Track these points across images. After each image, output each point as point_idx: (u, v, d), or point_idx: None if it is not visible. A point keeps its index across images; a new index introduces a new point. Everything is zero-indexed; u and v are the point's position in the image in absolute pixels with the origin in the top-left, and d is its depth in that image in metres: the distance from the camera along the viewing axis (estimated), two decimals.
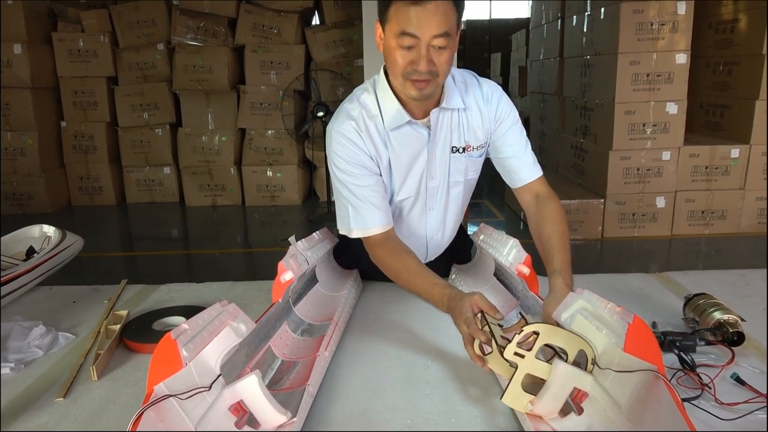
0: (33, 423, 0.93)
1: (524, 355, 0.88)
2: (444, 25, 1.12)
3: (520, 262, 1.24)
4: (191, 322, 0.86)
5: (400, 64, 1.17)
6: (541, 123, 5.86)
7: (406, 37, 1.12)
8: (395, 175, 1.33)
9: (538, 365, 0.88)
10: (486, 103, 1.34)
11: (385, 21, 1.16)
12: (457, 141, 1.34)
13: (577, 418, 0.86)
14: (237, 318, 0.94)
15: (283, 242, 1.30)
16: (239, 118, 5.29)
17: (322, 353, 1.03)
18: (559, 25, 5.10)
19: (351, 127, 1.27)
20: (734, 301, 1.22)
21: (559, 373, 0.85)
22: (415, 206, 1.39)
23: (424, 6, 1.09)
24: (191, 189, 5.37)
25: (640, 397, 0.80)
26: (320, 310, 1.30)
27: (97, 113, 5.29)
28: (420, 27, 1.11)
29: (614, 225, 4.16)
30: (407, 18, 1.11)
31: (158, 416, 0.74)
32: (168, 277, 1.60)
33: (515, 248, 1.28)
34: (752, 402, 0.91)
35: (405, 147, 1.31)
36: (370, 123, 1.28)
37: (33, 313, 1.33)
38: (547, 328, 0.89)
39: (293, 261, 1.19)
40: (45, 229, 1.65)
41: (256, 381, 0.81)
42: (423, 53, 1.13)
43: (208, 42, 5.22)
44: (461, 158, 1.36)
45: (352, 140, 1.27)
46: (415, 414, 0.93)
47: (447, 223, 1.46)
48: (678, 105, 3.96)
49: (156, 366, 0.79)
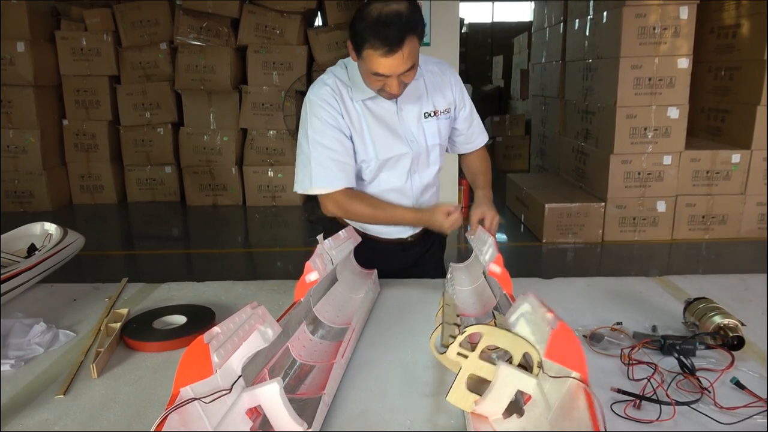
0: (33, 420, 0.93)
1: (467, 356, 0.87)
2: (410, 62, 1.28)
3: (492, 262, 1.23)
4: (223, 326, 0.83)
5: (374, 86, 1.36)
6: (542, 126, 5.86)
7: (378, 76, 1.30)
8: (376, 139, 1.45)
9: (481, 365, 0.87)
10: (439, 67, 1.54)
11: (358, 54, 1.30)
12: (427, 107, 1.50)
13: (517, 420, 0.85)
14: (265, 322, 0.93)
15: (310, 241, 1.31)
16: (241, 118, 5.29)
17: (338, 360, 1.03)
18: (561, 28, 5.11)
19: (327, 92, 1.42)
20: (734, 306, 1.22)
21: (501, 374, 0.84)
22: (400, 171, 1.51)
23: (393, 57, 1.25)
24: (192, 188, 5.38)
25: (564, 403, 0.79)
26: (338, 312, 1.30)
27: (99, 112, 5.30)
28: (390, 70, 1.28)
29: (615, 229, 4.16)
30: (378, 64, 1.27)
31: (181, 419, 0.74)
32: (168, 276, 1.60)
33: (491, 248, 1.28)
34: (752, 406, 0.91)
35: (380, 115, 1.45)
36: (344, 89, 1.43)
37: (34, 311, 1.33)
38: (489, 329, 0.87)
39: (320, 261, 1.18)
40: (46, 227, 1.65)
41: (278, 389, 0.80)
42: (394, 83, 1.31)
43: (211, 42, 5.23)
44: (433, 122, 1.51)
45: (328, 102, 1.41)
46: (414, 414, 0.93)
47: (429, 188, 1.59)
48: (679, 109, 3.96)
49: (185, 369, 0.77)
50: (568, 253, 4.05)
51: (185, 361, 0.77)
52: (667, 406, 0.90)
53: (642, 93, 3.95)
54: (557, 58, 5.25)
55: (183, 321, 1.25)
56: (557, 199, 4.21)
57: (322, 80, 1.45)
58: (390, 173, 1.51)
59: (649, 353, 1.08)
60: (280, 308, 1.11)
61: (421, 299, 1.40)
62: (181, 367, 0.77)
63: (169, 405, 0.73)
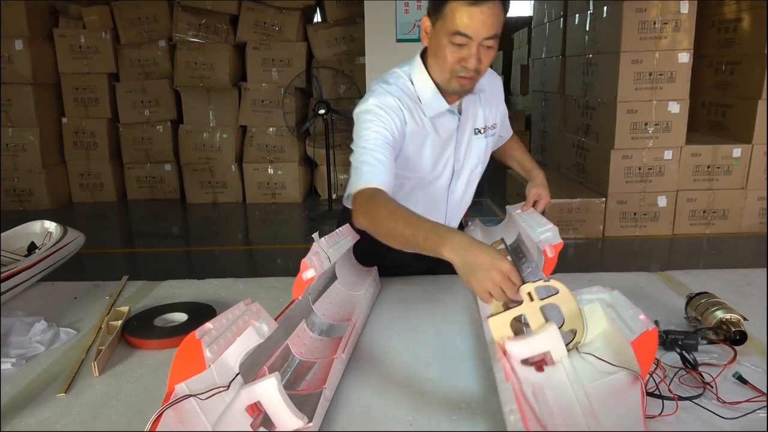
0: (35, 419, 0.93)
1: (533, 299, 0.94)
2: (495, 27, 1.17)
3: (551, 245, 1.26)
4: (215, 322, 0.83)
5: (449, 61, 1.21)
6: (542, 122, 5.85)
7: (459, 36, 1.16)
8: (433, 156, 1.36)
9: (537, 314, 0.94)
10: (490, 82, 1.42)
11: (437, 18, 1.18)
12: (479, 122, 1.41)
13: (535, 373, 0.93)
14: (260, 318, 0.93)
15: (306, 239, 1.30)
16: (240, 115, 5.29)
17: (339, 356, 1.03)
18: (561, 23, 5.10)
19: (392, 101, 1.27)
20: (736, 300, 1.22)
21: (548, 331, 0.93)
22: (440, 189, 1.43)
23: (480, 8, 1.13)
24: (192, 186, 5.38)
25: (611, 386, 0.86)
26: (339, 309, 1.30)
27: (98, 110, 5.30)
28: (474, 28, 1.15)
29: (615, 224, 4.16)
30: (462, 19, 1.14)
31: (177, 416, 0.74)
32: (168, 274, 1.60)
33: (552, 232, 1.32)
34: (754, 401, 0.91)
35: (440, 132, 1.35)
36: (412, 104, 1.30)
37: (34, 309, 1.33)
38: (565, 290, 0.94)
39: (316, 258, 1.18)
40: (46, 225, 1.64)
41: (275, 384, 0.80)
42: (473, 52, 1.18)
43: (210, 39, 5.22)
44: (481, 139, 1.42)
45: (394, 111, 1.26)
46: (416, 411, 0.93)
47: (462, 207, 1.51)
48: (680, 104, 3.96)
49: (178, 365, 0.77)
50: (569, 248, 4.05)
51: (178, 358, 0.77)
52: (669, 401, 0.90)
53: (642, 88, 3.94)
54: (557, 53, 5.24)
55: (184, 318, 1.25)
56: (558, 194, 4.20)
57: (385, 90, 1.29)
58: (426, 191, 1.41)
59: None
60: (281, 305, 1.11)
61: (422, 296, 1.40)
62: (174, 363, 0.77)
63: (164, 402, 0.73)
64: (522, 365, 0.93)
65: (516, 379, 0.90)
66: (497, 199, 5.11)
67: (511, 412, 0.79)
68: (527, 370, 0.93)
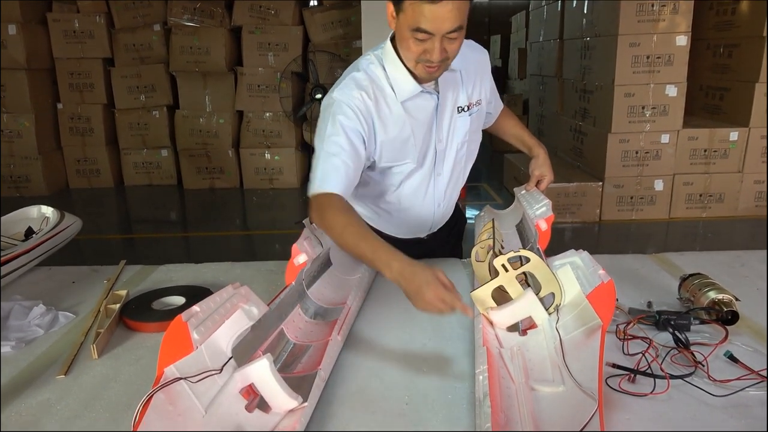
0: (35, 400, 0.94)
1: (509, 270, 1.03)
2: (458, 20, 1.12)
3: (543, 218, 1.33)
4: (203, 305, 0.84)
5: (413, 51, 1.18)
6: (540, 106, 5.83)
7: (420, 33, 1.13)
8: (417, 142, 1.33)
9: (514, 283, 1.03)
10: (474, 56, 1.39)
11: (399, 9, 1.15)
12: (461, 100, 1.37)
13: (518, 337, 1.03)
14: (249, 301, 0.93)
15: (296, 225, 1.30)
16: (237, 100, 5.26)
17: (334, 337, 1.03)
18: (559, 6, 5.06)
19: (358, 97, 1.25)
20: (729, 281, 1.23)
21: (526, 298, 1.02)
22: (424, 172, 1.40)
23: (440, 4, 1.09)
24: (189, 171, 5.36)
25: (577, 339, 0.96)
26: (334, 294, 1.30)
27: (94, 95, 5.26)
28: (434, 25, 1.12)
29: (612, 208, 4.17)
30: (422, 16, 1.11)
31: (168, 399, 0.74)
32: (166, 258, 1.60)
33: (546, 206, 1.38)
34: (744, 379, 0.92)
35: (419, 114, 1.32)
36: (380, 95, 1.28)
37: (32, 293, 1.33)
38: (537, 259, 1.02)
39: (307, 243, 1.19)
40: (43, 210, 1.65)
41: (267, 365, 0.81)
42: (437, 45, 1.15)
43: (205, 23, 5.17)
44: (465, 117, 1.38)
45: (359, 109, 1.25)
46: (412, 391, 0.94)
47: (452, 188, 1.48)
48: (677, 87, 3.95)
49: (167, 348, 0.78)
50: (565, 232, 4.06)
51: (166, 341, 0.78)
52: (661, 380, 0.91)
53: (640, 71, 3.93)
54: (555, 36, 5.21)
55: (182, 302, 1.25)
56: (555, 179, 4.17)
57: (355, 80, 1.27)
58: (413, 177, 1.39)
59: (644, 329, 1.09)
60: (278, 289, 1.12)
61: None
62: (163, 346, 0.77)
63: (154, 385, 0.74)
64: (507, 332, 1.04)
65: (498, 344, 1.00)
66: (495, 184, 5.12)
67: (481, 373, 0.89)
68: (511, 336, 1.03)
